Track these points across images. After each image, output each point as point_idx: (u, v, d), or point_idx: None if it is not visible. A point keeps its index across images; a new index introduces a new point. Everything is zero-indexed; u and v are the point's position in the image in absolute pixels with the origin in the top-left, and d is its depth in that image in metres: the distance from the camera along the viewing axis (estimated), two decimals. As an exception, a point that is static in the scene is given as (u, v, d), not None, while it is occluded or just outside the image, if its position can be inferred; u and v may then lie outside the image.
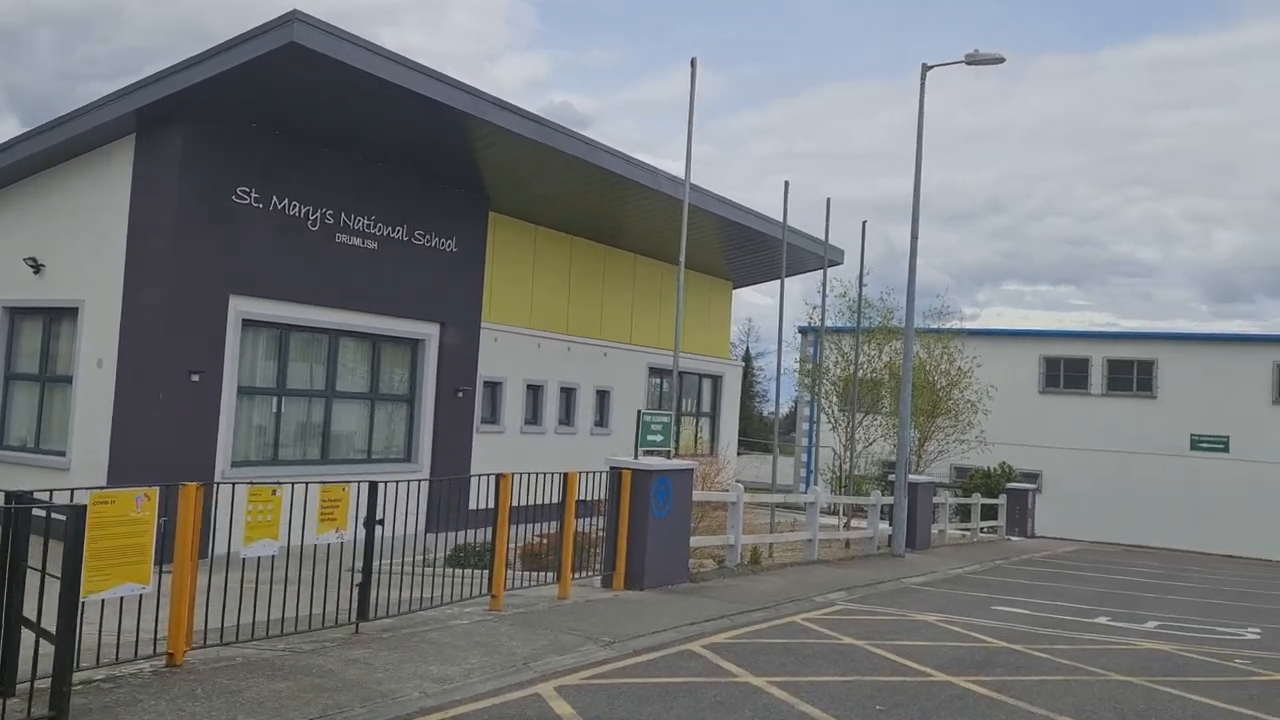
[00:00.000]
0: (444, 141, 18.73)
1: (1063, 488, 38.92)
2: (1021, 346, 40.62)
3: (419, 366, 20.40)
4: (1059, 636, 11.42)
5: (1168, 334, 39.37)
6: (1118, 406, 38.84)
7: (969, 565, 19.86)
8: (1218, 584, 20.68)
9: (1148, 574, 21.73)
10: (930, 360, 31.77)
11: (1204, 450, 37.44)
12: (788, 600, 12.67)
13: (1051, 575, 19.52)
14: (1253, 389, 36.81)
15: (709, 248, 28.61)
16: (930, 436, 31.19)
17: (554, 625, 9.56)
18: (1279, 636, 12.77)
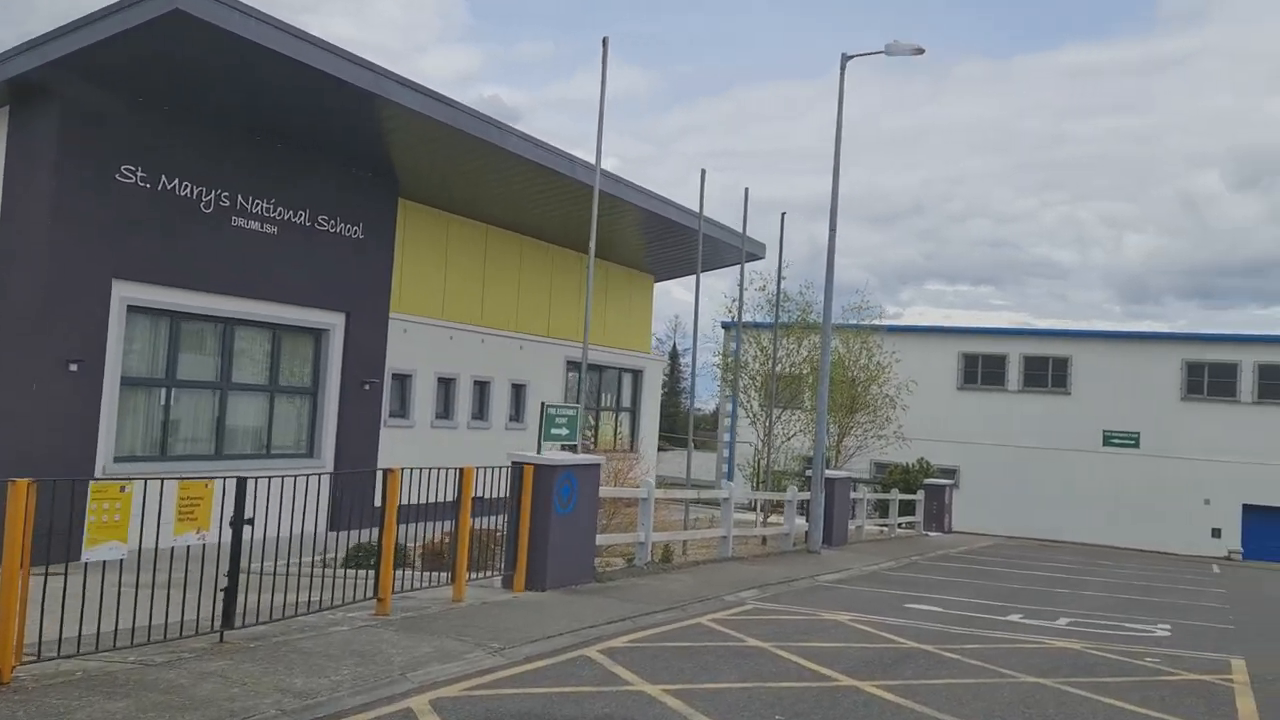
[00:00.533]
0: (347, 122, 17.95)
1: (980, 483, 39.23)
2: (941, 343, 40.89)
3: (322, 357, 19.58)
4: (971, 636, 11.14)
5: (1082, 332, 39.95)
6: (1034, 403, 39.28)
7: (885, 562, 19.66)
8: (1128, 579, 20.79)
9: (1061, 569, 21.78)
10: (849, 356, 31.69)
11: (1116, 446, 38.04)
12: (696, 600, 12.22)
13: (967, 571, 19.42)
14: (1162, 386, 37.47)
15: (629, 240, 28.13)
16: (849, 432, 31.10)
17: (442, 630, 8.96)
18: (1188, 633, 12.67)
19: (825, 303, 20.78)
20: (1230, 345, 37.06)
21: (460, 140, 18.63)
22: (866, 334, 31.89)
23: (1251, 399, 36.35)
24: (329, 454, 19.50)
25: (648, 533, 14.69)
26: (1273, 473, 35.71)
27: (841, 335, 31.46)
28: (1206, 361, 37.08)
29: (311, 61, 15.20)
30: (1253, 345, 36.82)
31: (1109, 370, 38.27)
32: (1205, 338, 37.80)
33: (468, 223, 23.63)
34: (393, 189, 20.79)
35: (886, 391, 32.80)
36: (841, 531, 22.33)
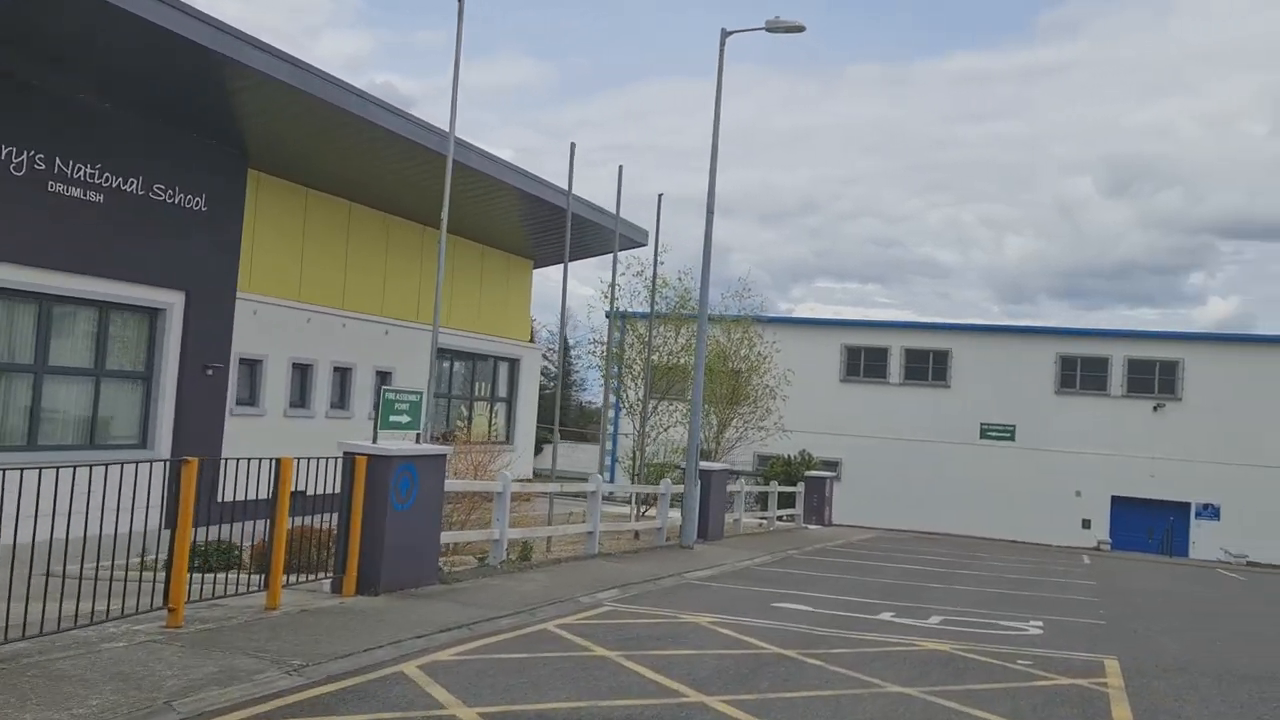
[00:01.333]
0: (184, 81, 16.41)
1: (862, 476, 39.22)
2: (823, 336, 40.76)
3: (159, 339, 17.98)
4: (838, 638, 10.44)
5: (962, 325, 40.30)
6: (914, 396, 39.45)
7: (760, 556, 19.03)
8: (1002, 572, 20.60)
9: (937, 562, 21.50)
10: (730, 345, 31.08)
11: (993, 439, 38.45)
12: (549, 602, 11.25)
13: (842, 566, 18.91)
14: (1038, 379, 37.99)
15: (503, 221, 27.00)
16: (729, 423, 30.49)
17: (239, 645, 7.80)
18: (1060, 630, 12.24)
19: (702, 289, 20.03)
20: (1101, 339, 37.78)
21: (311, 105, 17.27)
22: (748, 324, 31.33)
23: (1121, 392, 37.11)
24: (164, 445, 17.92)
25: (503, 529, 13.66)
26: (1140, 465, 36.51)
27: (722, 325, 30.88)
28: (1079, 355, 37.72)
29: (136, 10, 13.70)
30: (1122, 339, 37.59)
31: (987, 363, 38.66)
32: (1078, 332, 38.49)
33: (329, 199, 22.19)
34: (241, 158, 19.26)
35: (767, 382, 32.34)
36: (718, 525, 21.66)
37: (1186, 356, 36.54)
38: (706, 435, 33.60)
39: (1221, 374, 36.13)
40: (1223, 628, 13.99)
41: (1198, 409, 36.24)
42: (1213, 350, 36.60)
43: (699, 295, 20.48)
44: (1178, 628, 13.53)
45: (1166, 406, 36.53)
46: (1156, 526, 36.09)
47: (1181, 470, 36.05)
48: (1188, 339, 37.38)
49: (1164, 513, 35.93)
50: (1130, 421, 36.83)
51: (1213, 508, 35.86)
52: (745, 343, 31.07)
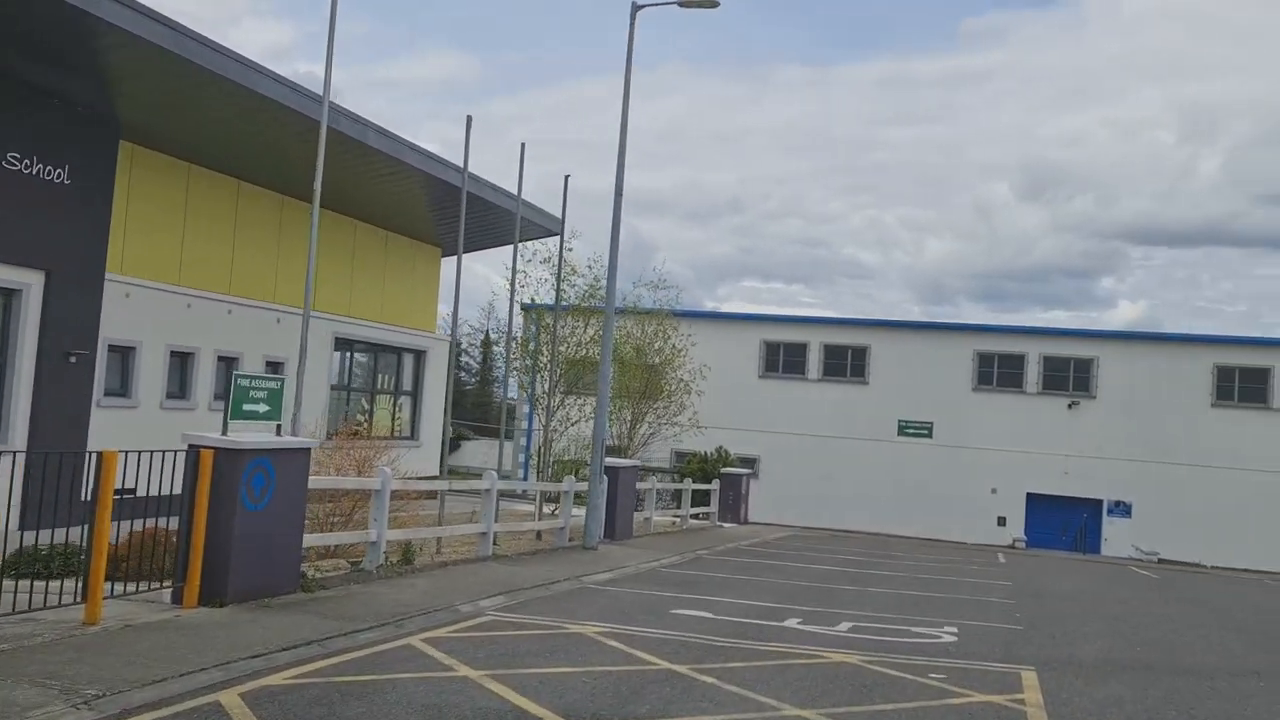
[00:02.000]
0: (40, 39, 14.91)
1: (780, 473, 38.68)
2: (743, 331, 40.13)
3: (12, 323, 16.43)
4: (738, 649, 9.56)
5: (881, 321, 39.99)
6: (833, 392, 39.00)
7: (668, 557, 18.14)
8: (917, 572, 20.02)
9: (851, 562, 20.86)
10: (644, 338, 30.16)
11: (910, 436, 38.17)
12: (423, 611, 10.19)
13: (752, 567, 18.11)
14: (955, 376, 37.80)
15: (407, 205, 25.74)
16: (643, 418, 29.56)
17: (29, 671, 6.62)
18: (976, 637, 11.53)
19: (609, 274, 19.08)
20: (1018, 337, 37.73)
21: (184, 69, 15.87)
22: (662, 317, 30.41)
23: (1037, 390, 37.08)
24: (19, 437, 16.38)
25: (381, 530, 12.54)
26: (1054, 462, 36.52)
27: (635, 317, 29.95)
28: (996, 353, 37.61)
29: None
30: (1039, 337, 37.59)
31: (906, 360, 38.37)
32: (995, 329, 38.40)
33: (213, 175, 20.75)
34: (111, 128, 17.75)
35: (681, 376, 31.55)
36: (626, 524, 20.74)
37: (1101, 354, 36.65)
38: (619, 431, 32.72)
39: (1134, 372, 36.30)
40: (1142, 634, 13.46)
41: (1111, 406, 36.36)
42: (1126, 348, 36.77)
43: (607, 282, 19.50)
44: (1096, 632, 12.94)
45: (1081, 404, 36.59)
46: (1070, 524, 36.14)
47: (1095, 468, 36.15)
48: (1102, 337, 37.53)
49: (1077, 510, 36.00)
50: (1045, 419, 36.83)
51: (1125, 505, 36.02)
52: (660, 335, 30.19)
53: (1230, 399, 35.54)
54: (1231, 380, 35.59)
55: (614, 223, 18.60)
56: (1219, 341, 36.37)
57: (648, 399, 29.85)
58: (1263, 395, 35.29)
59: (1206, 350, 35.95)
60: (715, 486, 30.08)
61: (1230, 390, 35.59)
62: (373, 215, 25.82)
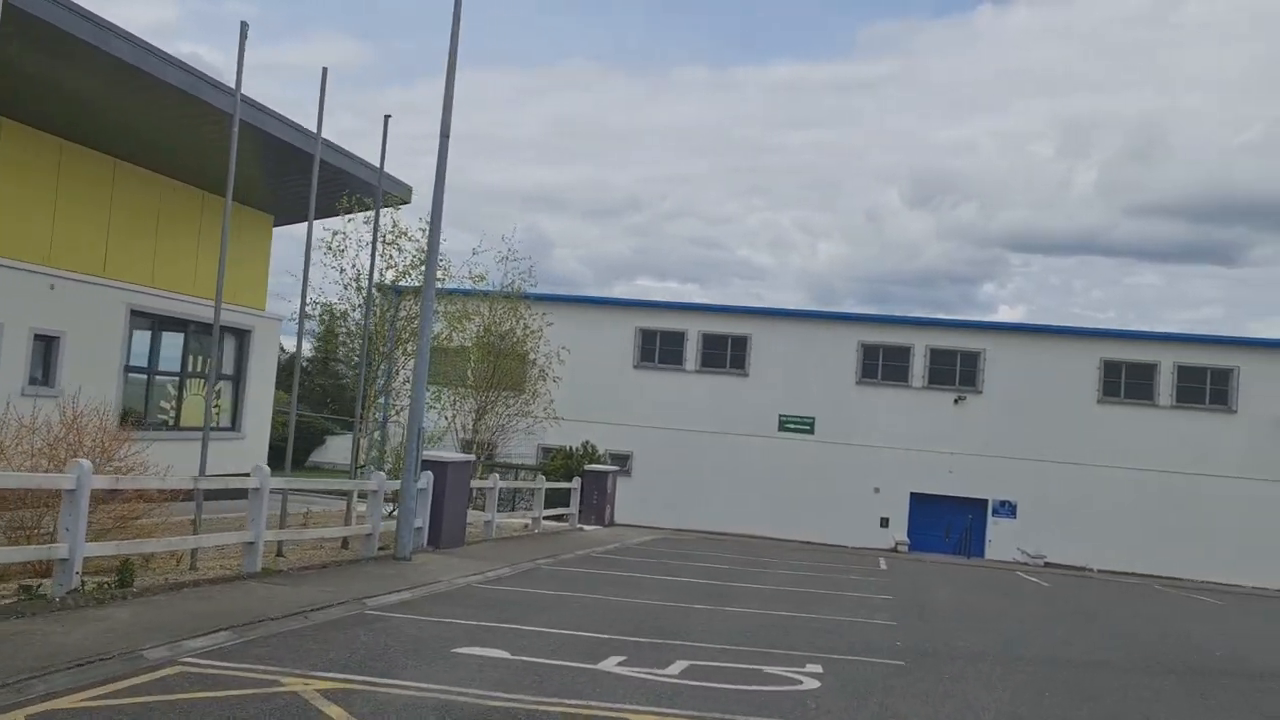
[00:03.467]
0: None
1: (654, 470, 36.23)
2: (617, 317, 37.49)
3: None
4: (520, 712, 6.79)
5: (763, 310, 37.78)
6: (711, 384, 36.67)
7: (496, 569, 15.30)
8: (788, 583, 17.61)
9: (715, 572, 18.36)
10: (493, 320, 27.08)
11: (791, 431, 36.07)
12: (81, 661, 7.16)
13: (596, 580, 15.39)
14: (839, 369, 35.86)
15: (240, 164, 22.23)
16: (490, 408, 26.56)
17: None
18: (844, 682, 9.00)
19: (431, 232, 16.11)
20: (904, 328, 35.96)
21: None
22: (515, 300, 27.31)
23: (922, 384, 35.35)
24: None
25: (75, 543, 9.40)
26: (939, 460, 34.86)
27: (487, 300, 26.85)
28: (881, 344, 35.77)
29: None
30: (925, 329, 35.88)
31: (788, 351, 36.26)
32: (881, 319, 36.58)
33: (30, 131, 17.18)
34: None
35: (537, 362, 28.66)
36: (455, 529, 17.83)
37: (988, 347, 35.10)
38: (464, 423, 29.76)
39: (1021, 367, 34.86)
40: (1049, 679, 11.14)
41: (998, 402, 34.86)
42: (1014, 341, 35.29)
43: (429, 236, 16.54)
44: (994, 673, 10.53)
45: (968, 399, 34.98)
46: (955, 525, 34.49)
47: (980, 466, 34.59)
48: (990, 329, 36.00)
49: (962, 510, 34.37)
50: (931, 414, 35.13)
51: (1010, 505, 34.54)
52: (511, 316, 27.18)
53: (1117, 395, 34.35)
54: (1118, 376, 34.40)
55: (439, 170, 15.65)
56: (1107, 336, 35.16)
57: (496, 388, 26.83)
58: (1149, 392, 34.17)
59: (1094, 345, 34.69)
60: (575, 485, 27.30)
61: (1117, 386, 34.39)
62: (183, 171, 22.35)
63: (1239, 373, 33.59)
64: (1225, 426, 33.57)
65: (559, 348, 30.45)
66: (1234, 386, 33.66)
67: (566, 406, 36.58)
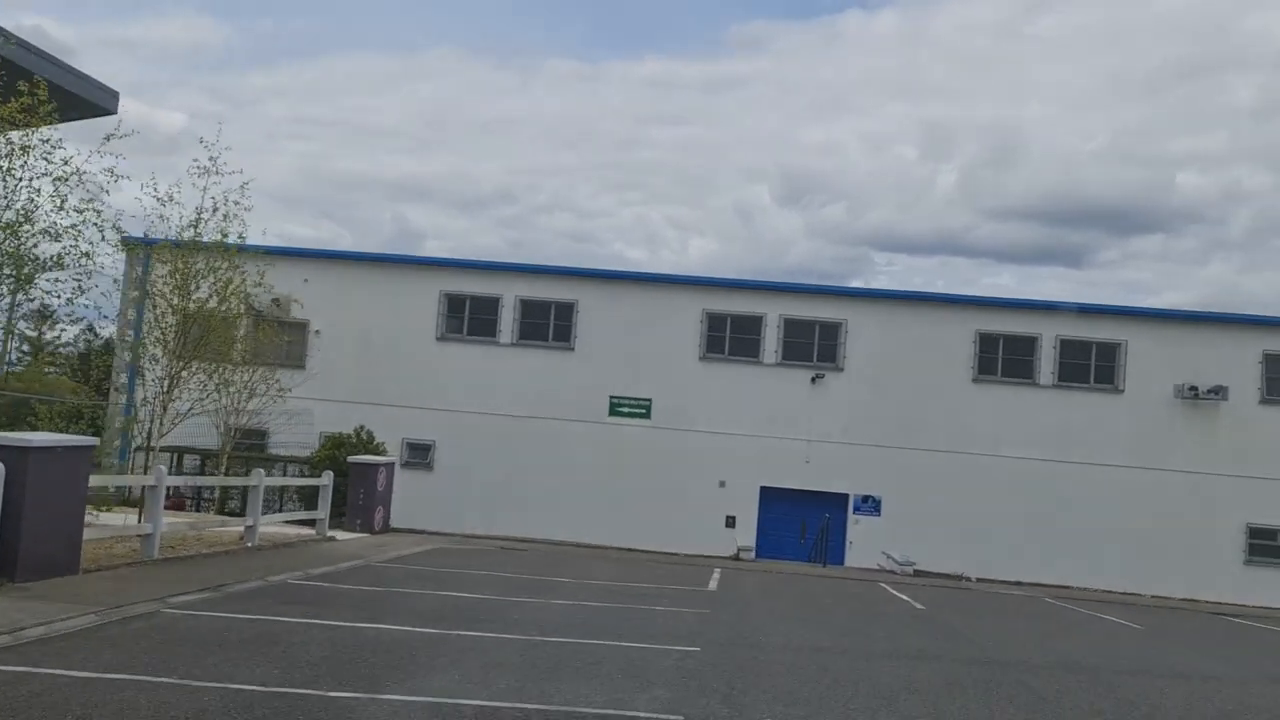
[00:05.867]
0: None
1: (461, 463, 30.30)
2: (420, 281, 31.30)
3: None
4: None
5: (592, 271, 32.08)
6: (531, 360, 30.86)
7: (67, 619, 9.14)
8: (560, 626, 11.93)
9: (460, 611, 12.57)
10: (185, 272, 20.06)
11: (624, 415, 30.55)
12: None
13: (205, 644, 9.32)
14: (680, 342, 30.51)
15: None
16: (180, 383, 19.75)
17: None
18: None
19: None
20: (755, 294, 30.80)
21: None
22: (232, 251, 20.41)
23: (776, 359, 30.27)
24: None
25: None
26: (793, 449, 29.89)
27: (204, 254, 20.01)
28: (729, 314, 30.55)
29: None
30: (779, 295, 30.79)
31: (621, 321, 30.73)
32: (728, 283, 31.31)
33: None
34: None
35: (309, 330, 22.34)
36: (54, 548, 11.53)
37: (850, 317, 30.23)
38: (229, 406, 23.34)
39: (887, 340, 30.15)
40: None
41: (860, 381, 30.06)
42: (879, 310, 30.50)
43: None
44: None
45: (826, 378, 30.06)
46: (811, 524, 29.53)
47: (840, 455, 29.75)
48: (853, 295, 31.10)
49: (820, 506, 29.41)
50: (785, 395, 30.11)
51: (873, 500, 29.79)
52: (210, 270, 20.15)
53: (993, 373, 29.93)
54: (995, 351, 29.99)
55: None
56: (983, 304, 30.70)
57: (196, 357, 20.13)
58: (1028, 369, 29.87)
59: (968, 314, 30.18)
60: (324, 482, 21.01)
61: (993, 363, 29.98)
62: None
63: (1126, 347, 29.56)
64: (1112, 408, 29.50)
65: (289, 296, 24.29)
66: (1121, 363, 29.62)
67: (357, 387, 30.41)
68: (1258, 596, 27.76)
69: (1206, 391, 28.78)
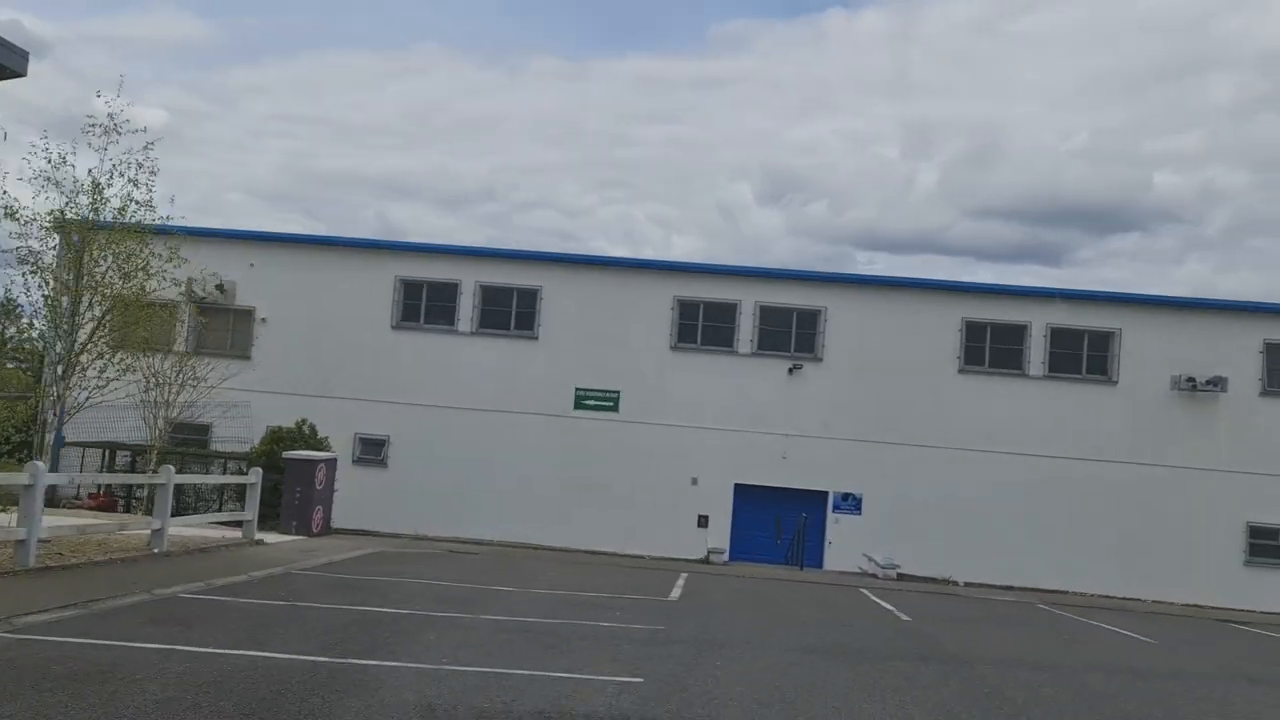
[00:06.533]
0: None
1: (417, 460, 28.45)
2: (373, 265, 29.43)
3: None
4: None
5: (556, 256, 30.24)
6: (492, 349, 29.02)
7: None
8: (481, 651, 10.16)
9: (377, 624, 10.76)
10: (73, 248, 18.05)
11: (591, 409, 28.76)
12: None
13: (63, 682, 7.52)
14: (651, 332, 28.75)
15: None
16: (75, 369, 17.81)
17: None
18: None
19: None
20: (729, 280, 29.04)
21: None
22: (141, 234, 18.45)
23: (751, 349, 28.54)
24: None
25: None
26: (770, 444, 28.18)
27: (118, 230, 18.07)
28: (701, 300, 28.80)
29: None
30: (755, 280, 29.03)
31: (588, 308, 28.94)
32: (700, 268, 29.56)
33: None
34: None
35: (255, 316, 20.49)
36: None
37: (830, 304, 28.52)
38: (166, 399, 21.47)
39: (869, 328, 28.46)
40: None
41: (841, 372, 28.37)
42: (860, 297, 28.79)
43: None
44: None
45: (805, 368, 28.35)
46: (788, 523, 27.83)
47: (819, 450, 28.05)
48: (832, 281, 29.33)
49: (798, 505, 27.70)
50: (761, 387, 28.39)
51: (854, 498, 28.11)
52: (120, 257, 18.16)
53: (981, 364, 28.28)
54: (982, 340, 28.33)
55: None
56: (970, 291, 29.04)
57: (110, 343, 18.22)
58: (1018, 359, 28.23)
59: (955, 301, 28.50)
60: (252, 479, 19.09)
61: (981, 353, 28.33)
62: None
63: (1120, 336, 27.96)
64: (1106, 400, 27.92)
65: (207, 276, 22.42)
66: (1115, 353, 28.02)
67: (307, 378, 28.59)
68: (1259, 599, 26.22)
69: (1205, 383, 27.23)
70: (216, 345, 28.88)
